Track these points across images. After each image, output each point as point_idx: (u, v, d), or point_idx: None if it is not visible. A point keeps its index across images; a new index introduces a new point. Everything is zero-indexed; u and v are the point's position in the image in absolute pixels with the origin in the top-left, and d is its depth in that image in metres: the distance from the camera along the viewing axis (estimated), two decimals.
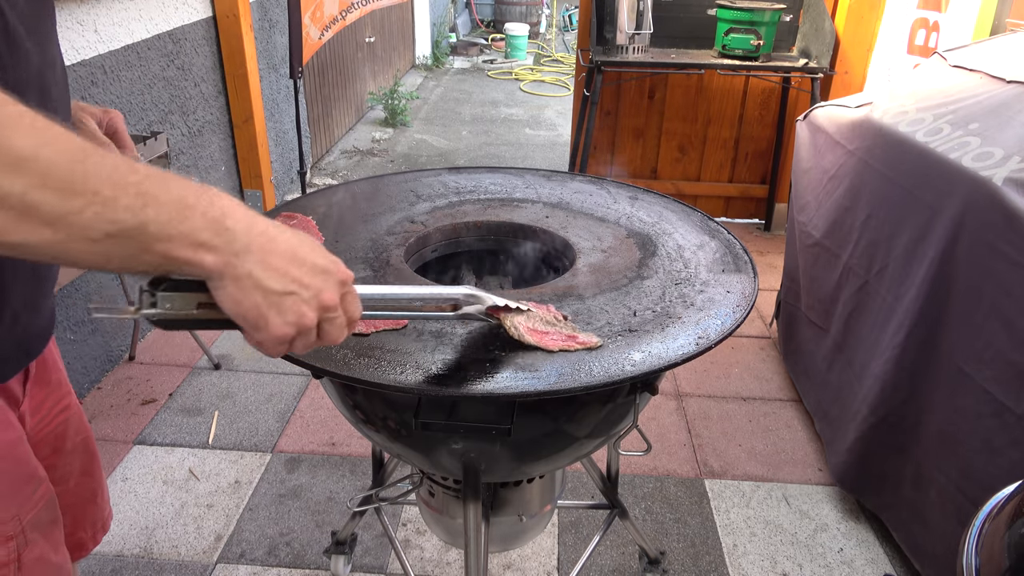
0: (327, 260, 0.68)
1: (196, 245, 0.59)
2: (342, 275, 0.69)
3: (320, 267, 0.67)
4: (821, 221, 2.27)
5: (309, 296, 0.65)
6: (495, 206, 1.44)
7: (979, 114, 1.78)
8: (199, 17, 3.07)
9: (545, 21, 9.89)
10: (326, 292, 0.66)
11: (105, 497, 1.16)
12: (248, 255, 0.62)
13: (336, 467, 2.22)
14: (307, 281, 0.65)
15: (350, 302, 0.70)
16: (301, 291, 0.64)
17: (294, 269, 0.64)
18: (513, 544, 1.60)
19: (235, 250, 0.61)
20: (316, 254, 0.67)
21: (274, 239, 0.64)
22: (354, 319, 0.71)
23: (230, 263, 0.61)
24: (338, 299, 0.68)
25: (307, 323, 0.65)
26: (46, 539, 0.88)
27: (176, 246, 0.58)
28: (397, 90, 5.92)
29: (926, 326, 1.73)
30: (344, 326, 0.70)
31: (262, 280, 0.62)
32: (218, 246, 0.60)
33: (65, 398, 1.03)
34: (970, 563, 0.74)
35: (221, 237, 0.60)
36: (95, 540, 1.13)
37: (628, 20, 3.24)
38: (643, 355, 0.95)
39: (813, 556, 1.96)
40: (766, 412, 2.53)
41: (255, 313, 0.63)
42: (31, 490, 0.86)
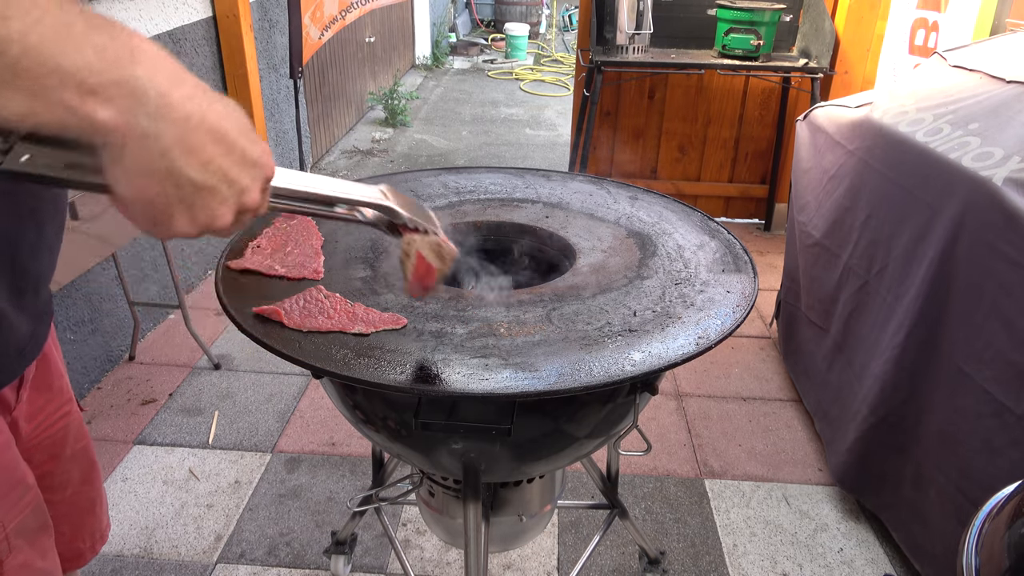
0: (260, 147, 0.54)
1: (85, 91, 0.42)
2: (270, 171, 0.56)
3: (252, 158, 0.52)
4: (821, 221, 2.27)
5: (232, 194, 0.51)
6: (495, 206, 1.44)
7: (979, 114, 1.78)
8: (199, 17, 3.07)
9: (545, 21, 9.89)
10: (252, 192, 0.53)
11: (104, 508, 1.14)
12: (162, 122, 0.45)
13: (336, 467, 2.22)
14: (234, 175, 0.50)
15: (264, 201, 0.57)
16: (223, 187, 0.50)
17: (221, 156, 0.49)
18: (513, 544, 1.60)
19: (146, 110, 0.45)
20: (247, 137, 0.52)
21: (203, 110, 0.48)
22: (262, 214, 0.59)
23: (137, 128, 0.45)
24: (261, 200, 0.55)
25: (220, 225, 0.52)
26: (31, 546, 0.86)
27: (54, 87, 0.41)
28: (397, 90, 5.92)
29: (926, 326, 1.73)
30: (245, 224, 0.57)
31: (178, 164, 0.47)
32: (117, 98, 0.44)
33: (66, 405, 1.01)
34: (970, 563, 0.74)
35: (125, 88, 0.44)
36: (93, 551, 1.11)
37: (628, 20, 3.24)
38: (643, 355, 0.95)
39: (813, 556, 1.96)
40: (766, 412, 2.53)
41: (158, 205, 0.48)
42: (17, 496, 0.84)
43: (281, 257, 1.17)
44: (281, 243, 1.22)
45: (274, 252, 1.19)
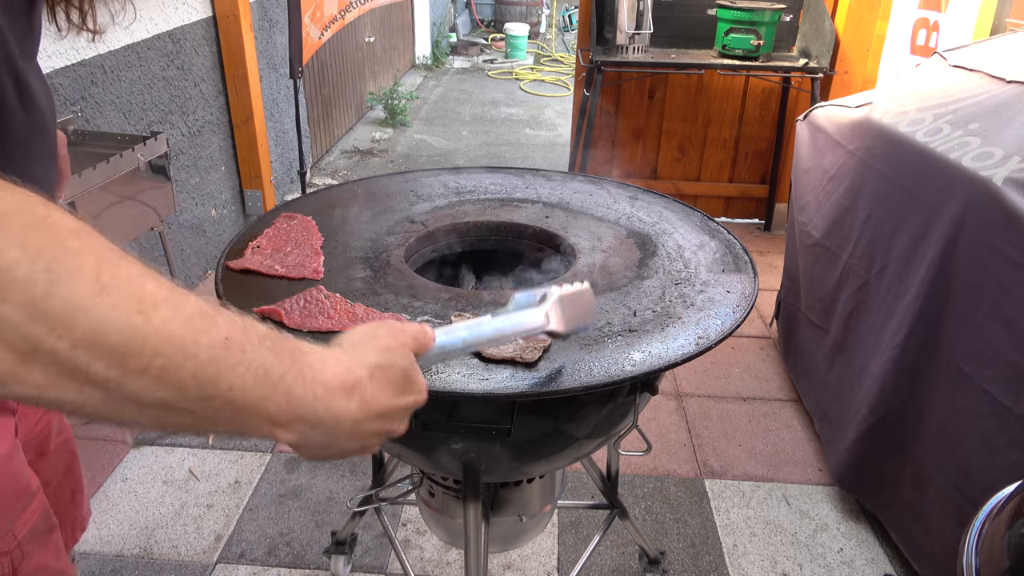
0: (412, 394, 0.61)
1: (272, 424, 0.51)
2: (418, 405, 0.63)
3: (405, 409, 0.61)
4: (821, 221, 2.27)
5: (381, 440, 0.60)
6: (495, 206, 1.44)
7: (979, 114, 1.78)
8: (199, 17, 3.07)
9: (545, 21, 9.89)
10: (400, 427, 0.61)
11: (84, 496, 1.15)
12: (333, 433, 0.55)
13: (336, 467, 2.22)
14: (390, 427, 0.60)
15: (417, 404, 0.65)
16: (375, 442, 0.60)
17: (382, 424, 0.59)
18: (513, 544, 1.60)
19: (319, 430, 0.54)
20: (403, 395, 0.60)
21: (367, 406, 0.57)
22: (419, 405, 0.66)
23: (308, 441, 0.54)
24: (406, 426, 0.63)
25: (368, 453, 0.61)
26: (44, 548, 0.87)
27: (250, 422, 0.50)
28: (397, 90, 5.91)
29: (926, 326, 1.73)
30: None
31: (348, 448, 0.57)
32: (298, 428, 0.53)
33: None
34: (970, 563, 0.74)
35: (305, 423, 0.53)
36: (73, 539, 1.12)
37: (628, 20, 3.24)
38: (643, 355, 0.95)
39: (813, 556, 1.96)
40: (766, 412, 2.53)
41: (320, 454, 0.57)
42: (24, 504, 0.85)
43: (281, 257, 1.17)
44: (281, 243, 1.22)
45: (274, 252, 1.19)
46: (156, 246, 2.84)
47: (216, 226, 3.37)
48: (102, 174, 2.00)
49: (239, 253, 1.18)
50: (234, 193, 3.54)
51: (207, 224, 3.28)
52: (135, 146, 2.14)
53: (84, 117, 2.38)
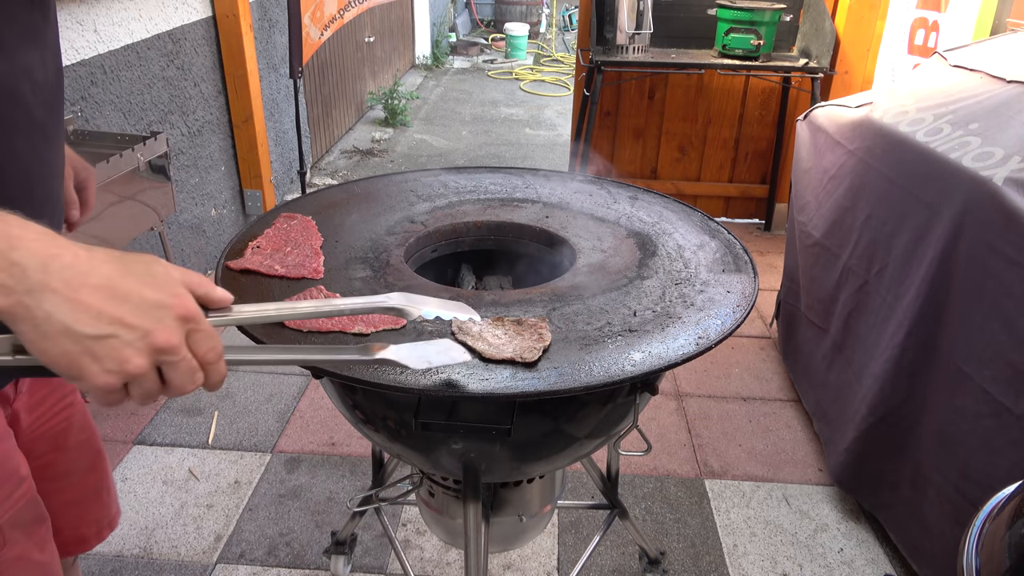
0: (162, 292, 0.58)
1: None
2: (182, 309, 0.58)
3: (151, 302, 0.57)
4: (821, 221, 2.27)
5: (134, 338, 0.55)
6: (495, 206, 1.44)
7: (979, 114, 1.78)
8: (199, 17, 3.07)
9: (545, 21, 9.89)
10: (158, 332, 0.56)
11: (112, 495, 1.16)
12: (46, 293, 0.53)
13: (336, 467, 2.22)
14: (130, 320, 0.55)
15: (199, 341, 0.59)
16: (122, 332, 0.55)
17: (112, 306, 0.55)
18: (513, 544, 1.60)
19: (28, 286, 0.52)
20: (146, 286, 0.57)
21: (84, 273, 0.55)
22: (208, 361, 0.60)
23: (22, 303, 0.52)
24: (178, 339, 0.57)
25: (132, 369, 0.56)
26: (28, 538, 0.87)
27: None
28: (397, 90, 5.91)
29: (926, 326, 1.73)
30: (194, 370, 0.59)
31: (67, 322, 0.53)
32: (3, 284, 0.52)
33: (69, 396, 1.02)
34: (970, 563, 0.74)
35: (7, 273, 0.52)
36: (100, 536, 1.13)
37: (628, 20, 3.24)
38: (643, 355, 0.95)
39: (813, 556, 1.96)
40: (766, 412, 2.53)
41: (66, 361, 0.54)
42: (9, 490, 0.85)
43: (281, 257, 1.17)
44: (281, 243, 1.22)
45: (274, 252, 1.19)
46: (156, 246, 2.84)
47: (216, 226, 3.37)
48: (102, 174, 2.00)
49: (239, 253, 1.18)
50: (234, 193, 3.54)
51: (207, 224, 3.28)
52: (135, 146, 2.14)
53: (84, 117, 2.38)
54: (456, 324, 0.98)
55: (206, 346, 0.60)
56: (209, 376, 0.61)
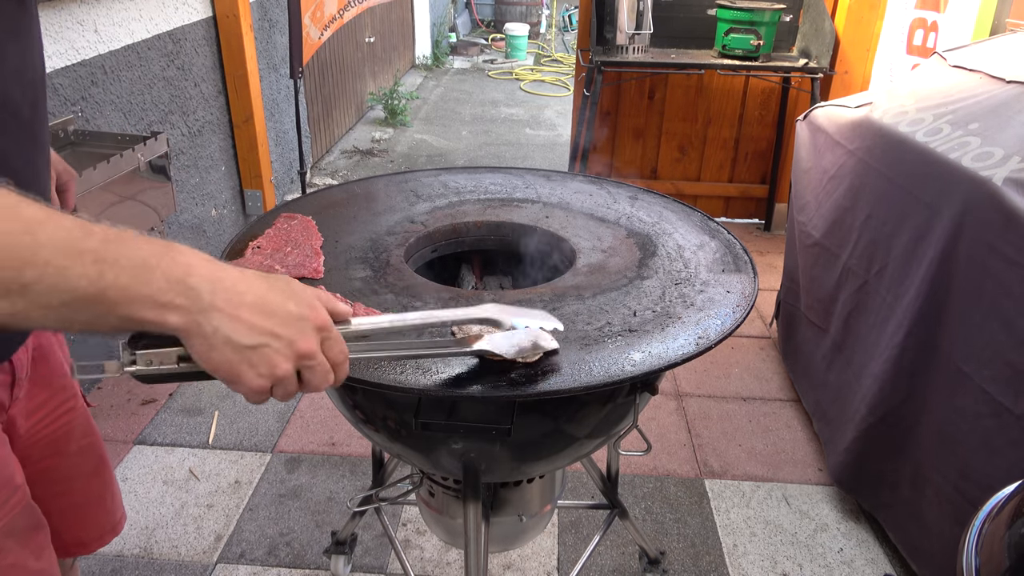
0: (302, 306, 0.67)
1: (160, 306, 0.59)
2: (318, 320, 0.68)
3: (294, 315, 0.66)
4: (821, 221, 2.27)
5: (282, 346, 0.64)
6: (495, 206, 1.44)
7: (979, 114, 1.78)
8: (199, 17, 3.07)
9: (545, 21, 9.89)
10: (301, 341, 0.66)
11: (116, 500, 1.15)
12: (214, 312, 0.62)
13: (336, 467, 2.22)
14: (279, 331, 0.64)
15: (331, 347, 0.69)
16: (272, 342, 0.64)
17: (264, 321, 0.64)
18: (513, 544, 1.60)
19: (201, 307, 0.61)
20: (290, 301, 0.66)
21: (242, 292, 0.63)
22: (338, 363, 0.70)
23: (195, 321, 0.61)
24: (316, 346, 0.67)
25: (281, 374, 0.65)
26: (23, 546, 0.86)
27: (139, 308, 0.59)
28: (397, 90, 5.91)
29: (925, 326, 1.73)
30: (327, 372, 0.69)
31: (231, 335, 0.62)
32: (182, 305, 0.60)
33: (70, 400, 1.02)
34: (970, 563, 0.74)
35: (185, 296, 0.60)
36: (102, 541, 1.13)
37: (628, 20, 3.24)
38: (643, 355, 0.95)
39: (813, 556, 1.96)
40: (766, 412, 2.53)
41: (227, 368, 0.63)
42: (4, 497, 0.84)
43: (281, 257, 1.17)
44: (281, 243, 1.22)
45: (274, 252, 1.19)
46: None
47: (216, 226, 3.37)
48: (102, 174, 2.00)
49: (239, 253, 1.18)
50: (234, 193, 3.54)
51: (207, 224, 3.28)
52: (135, 146, 2.14)
53: (84, 117, 2.38)
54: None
55: (336, 350, 0.69)
56: (338, 375, 0.70)
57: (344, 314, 0.73)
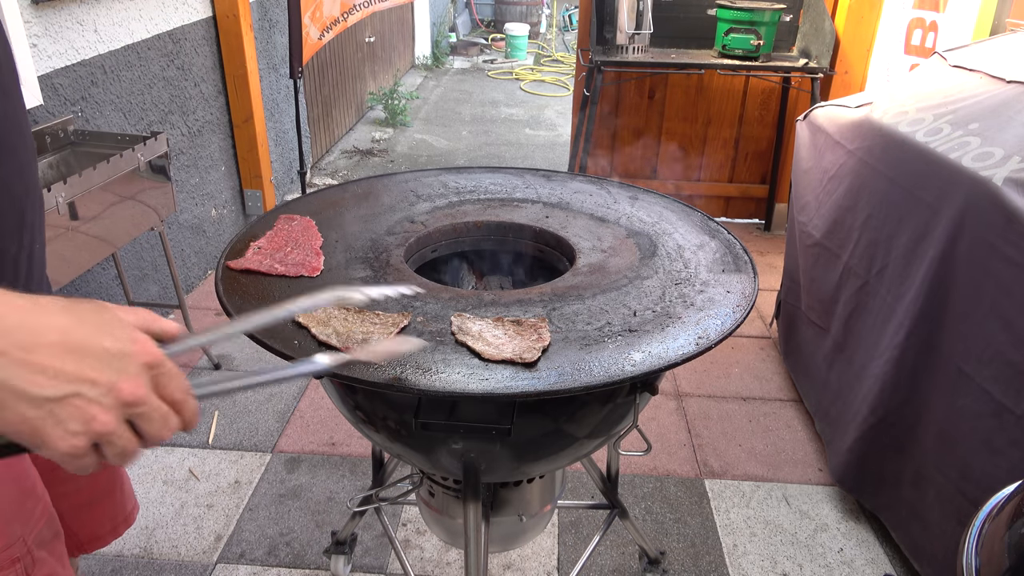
0: (121, 340, 0.52)
1: None
2: (145, 355, 0.53)
3: (111, 352, 0.51)
4: (821, 221, 2.27)
5: (98, 394, 0.50)
6: (495, 206, 1.44)
7: (979, 114, 1.78)
8: (199, 17, 3.07)
9: (545, 21, 9.89)
10: (124, 384, 0.51)
11: (126, 492, 1.16)
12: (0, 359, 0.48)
13: (336, 467, 2.22)
14: (92, 375, 0.50)
15: (166, 384, 0.54)
16: (85, 390, 0.50)
17: (71, 364, 0.50)
18: (513, 544, 1.60)
19: None
20: (103, 335, 0.52)
21: (36, 330, 0.49)
22: (178, 400, 0.55)
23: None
24: (145, 387, 0.53)
25: (100, 428, 0.50)
26: (52, 555, 0.87)
27: None
28: (397, 90, 5.91)
29: (926, 326, 1.73)
30: (166, 415, 0.54)
31: (24, 388, 0.48)
32: None
33: None
34: (970, 563, 0.74)
35: None
36: (115, 532, 1.13)
37: (628, 20, 3.24)
38: (643, 355, 0.95)
39: (813, 556, 1.96)
40: (766, 412, 2.53)
41: (27, 429, 0.49)
42: (31, 507, 0.85)
43: (282, 257, 1.17)
44: (281, 243, 1.22)
45: (274, 252, 1.19)
46: (156, 246, 2.84)
47: (216, 226, 3.37)
48: (102, 174, 2.00)
49: (239, 253, 1.18)
50: (234, 193, 3.54)
51: (207, 224, 3.28)
52: (135, 146, 2.14)
53: (84, 117, 2.38)
54: (456, 324, 0.98)
55: (172, 386, 0.55)
56: (182, 415, 0.56)
57: (173, 334, 0.59)
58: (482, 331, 0.97)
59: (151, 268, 2.86)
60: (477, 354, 0.92)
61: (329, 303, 0.70)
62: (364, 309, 1.02)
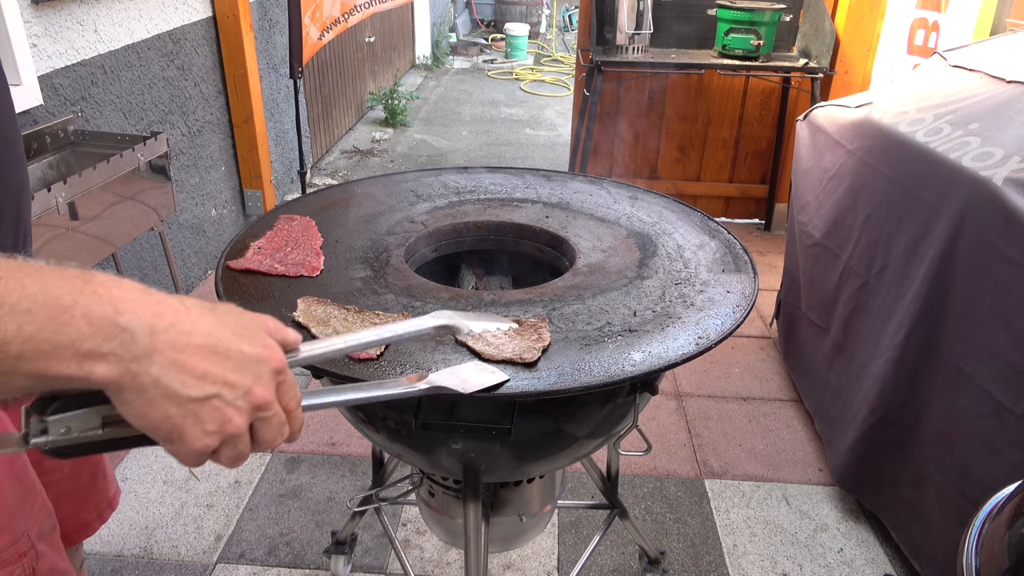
0: (257, 346, 0.55)
1: (82, 356, 0.47)
2: (275, 361, 0.56)
3: (250, 357, 0.54)
4: (821, 221, 2.27)
5: (235, 396, 0.53)
6: (495, 206, 1.44)
7: (979, 114, 1.78)
8: (199, 17, 3.07)
9: (545, 21, 9.89)
10: (258, 388, 0.54)
11: (108, 477, 1.16)
12: (153, 357, 0.49)
13: (336, 467, 2.22)
14: (232, 379, 0.52)
15: (285, 392, 0.57)
16: (225, 392, 0.52)
17: (215, 367, 0.52)
18: (513, 544, 1.60)
19: (135, 354, 0.48)
20: (243, 340, 0.54)
21: (187, 332, 0.51)
22: (291, 410, 0.57)
23: (129, 371, 0.48)
24: (273, 393, 0.55)
25: (234, 430, 0.54)
26: (52, 548, 0.88)
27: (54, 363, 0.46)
28: (397, 90, 5.91)
29: (926, 326, 1.73)
30: (283, 424, 0.57)
31: (173, 387, 0.50)
32: (112, 352, 0.47)
33: None
34: (970, 563, 0.74)
35: (115, 341, 0.48)
36: (101, 519, 1.13)
37: (628, 20, 3.24)
38: (643, 355, 0.95)
39: (813, 556, 1.96)
40: (766, 412, 2.53)
41: (167, 426, 0.51)
42: (32, 502, 0.85)
43: (282, 257, 1.17)
44: (281, 243, 1.22)
45: (274, 252, 1.19)
46: (156, 246, 2.84)
47: (216, 226, 3.37)
48: (102, 174, 2.00)
49: (239, 253, 1.18)
50: (234, 193, 3.54)
51: (207, 224, 3.28)
52: (135, 146, 2.14)
53: (84, 117, 2.38)
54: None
55: (290, 395, 0.57)
56: (293, 427, 0.58)
57: (294, 343, 0.62)
58: (482, 332, 0.97)
59: (151, 268, 2.86)
60: (477, 354, 0.92)
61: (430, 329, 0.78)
62: (364, 309, 1.02)
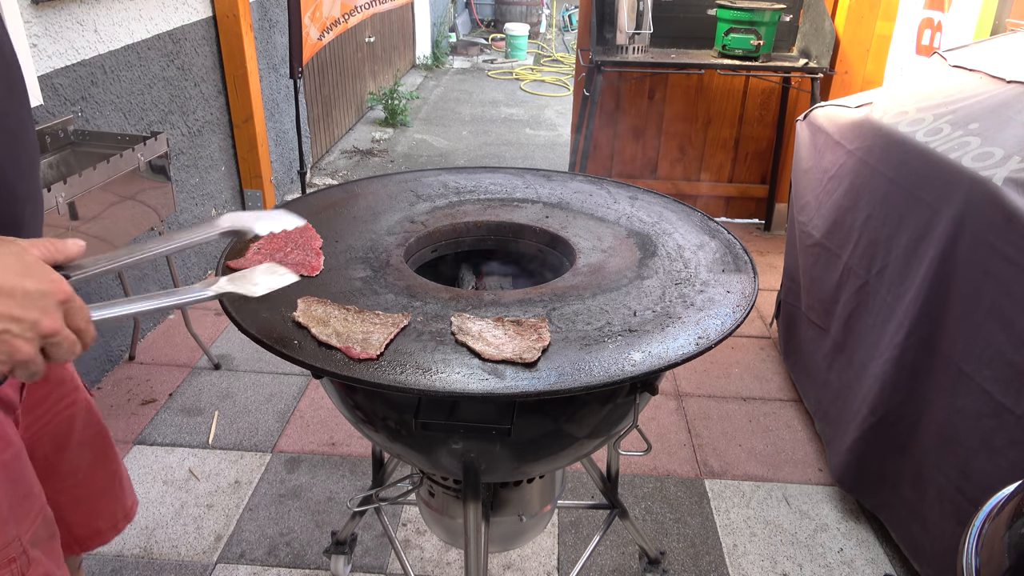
0: (44, 281, 0.62)
1: None
2: (61, 294, 0.63)
3: (34, 292, 0.61)
4: (821, 221, 2.27)
5: (23, 329, 0.60)
6: (495, 206, 1.44)
7: (979, 114, 1.78)
8: (199, 17, 3.07)
9: (545, 21, 9.89)
10: (44, 320, 0.61)
11: (125, 488, 1.15)
12: None
13: (336, 467, 2.22)
14: (18, 314, 0.59)
15: (74, 315, 0.64)
16: (12, 327, 0.59)
17: (1, 306, 0.59)
18: (513, 544, 1.60)
19: None
20: (26, 276, 0.61)
21: None
22: (82, 329, 0.65)
23: None
24: (61, 322, 0.63)
25: (22, 357, 0.60)
26: (48, 556, 0.87)
27: None
28: (397, 90, 5.91)
29: (926, 326, 1.73)
30: (73, 343, 0.65)
31: None
32: None
33: (71, 394, 1.02)
34: (970, 563, 0.74)
35: None
36: (116, 529, 1.13)
37: (628, 20, 3.24)
38: (643, 355, 0.95)
39: (813, 556, 1.96)
40: (766, 412, 2.53)
41: None
42: (28, 508, 0.85)
43: (281, 257, 1.17)
44: (282, 243, 1.22)
45: (274, 252, 1.19)
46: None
47: None
48: (102, 174, 2.00)
49: (240, 253, 1.18)
50: (234, 193, 3.54)
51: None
52: (135, 146, 2.14)
53: (84, 117, 2.38)
54: (456, 324, 0.98)
55: (79, 317, 0.65)
56: (84, 342, 0.66)
57: (77, 253, 0.69)
58: (482, 331, 0.97)
59: (151, 268, 2.86)
60: (477, 354, 0.92)
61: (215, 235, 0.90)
62: (364, 309, 1.02)
